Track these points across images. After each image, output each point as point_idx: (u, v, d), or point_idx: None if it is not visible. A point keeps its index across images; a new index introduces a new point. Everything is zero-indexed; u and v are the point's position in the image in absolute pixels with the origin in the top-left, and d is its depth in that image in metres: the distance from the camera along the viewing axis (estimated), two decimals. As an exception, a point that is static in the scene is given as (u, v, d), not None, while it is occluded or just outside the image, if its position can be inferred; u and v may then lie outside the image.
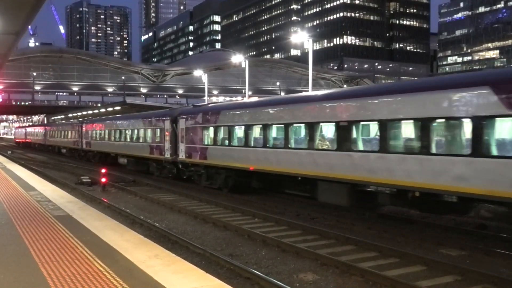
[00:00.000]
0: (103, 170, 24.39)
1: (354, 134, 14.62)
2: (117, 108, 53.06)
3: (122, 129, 34.35)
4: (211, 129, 22.12)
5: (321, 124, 15.95)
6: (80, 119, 56.01)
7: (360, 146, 14.52)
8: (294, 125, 17.24)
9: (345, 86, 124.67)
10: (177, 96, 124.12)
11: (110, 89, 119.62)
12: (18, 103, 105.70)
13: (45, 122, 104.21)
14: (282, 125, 17.52)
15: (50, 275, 6.63)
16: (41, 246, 8.30)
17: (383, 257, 11.03)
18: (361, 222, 14.92)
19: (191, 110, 25.02)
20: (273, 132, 18.40)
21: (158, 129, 27.50)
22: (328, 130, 16.09)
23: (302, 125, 16.89)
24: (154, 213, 17.22)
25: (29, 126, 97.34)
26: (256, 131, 19.30)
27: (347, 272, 9.85)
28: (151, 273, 6.68)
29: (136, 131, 31.62)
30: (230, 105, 24.24)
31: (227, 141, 20.92)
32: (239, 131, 20.30)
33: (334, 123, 15.20)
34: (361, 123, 14.60)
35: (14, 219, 10.91)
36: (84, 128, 43.96)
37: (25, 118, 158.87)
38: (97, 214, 11.81)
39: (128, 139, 32.96)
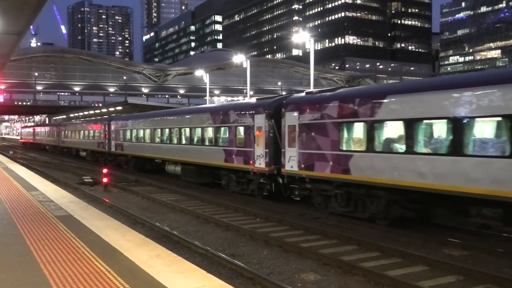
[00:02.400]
0: (105, 170, 24.39)
1: None
2: (119, 108, 53.08)
3: (176, 128, 26.48)
4: (362, 126, 14.47)
5: None
6: (107, 116, 47.67)
7: None
8: None
9: (346, 86, 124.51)
10: (178, 96, 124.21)
11: (111, 89, 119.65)
12: (20, 103, 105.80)
13: (47, 122, 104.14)
14: None
15: (51, 275, 6.63)
16: (42, 246, 8.30)
17: (386, 257, 11.01)
18: (363, 222, 14.88)
19: (312, 98, 17.03)
20: None
21: (242, 127, 20.22)
22: None
23: None
24: (156, 213, 17.23)
25: (38, 125, 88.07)
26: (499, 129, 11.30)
27: (349, 272, 9.83)
28: (152, 273, 6.68)
29: (199, 130, 23.88)
30: (411, 84, 15.24)
31: (401, 146, 13.33)
32: (439, 128, 12.84)
33: None
34: None
35: (16, 219, 10.92)
36: (113, 127, 36.03)
37: (27, 118, 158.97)
38: (98, 214, 11.82)
39: (185, 141, 25.29)
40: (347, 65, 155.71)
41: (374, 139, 14.04)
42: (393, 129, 13.83)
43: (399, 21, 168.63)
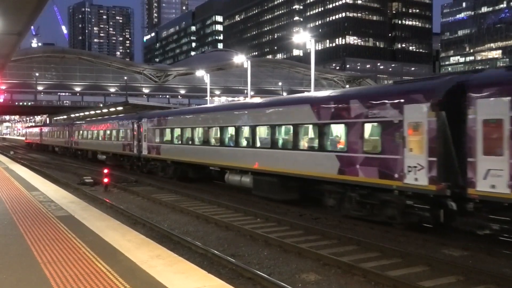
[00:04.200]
0: (106, 170, 24.41)
1: None
2: (120, 108, 53.12)
3: (246, 126, 20.17)
4: None
5: None
6: (135, 113, 40.28)
7: None
8: None
9: (347, 86, 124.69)
10: (179, 96, 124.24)
11: (112, 89, 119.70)
12: (20, 103, 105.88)
13: (47, 122, 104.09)
14: None
15: (52, 275, 6.64)
16: (43, 246, 8.32)
17: (386, 257, 11.02)
18: (363, 222, 14.88)
19: None
20: None
21: (376, 124, 14.03)
22: None
23: None
24: (156, 213, 17.24)
25: (45, 125, 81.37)
26: None
27: (349, 272, 9.84)
28: (153, 273, 6.69)
29: (289, 129, 17.77)
30: None
31: None
32: None
33: None
34: None
35: (17, 219, 10.94)
36: (145, 126, 30.04)
37: (27, 118, 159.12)
38: (99, 215, 11.84)
39: (261, 143, 19.32)
40: (347, 66, 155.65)
41: None
42: None
43: (399, 22, 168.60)
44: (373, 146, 14.24)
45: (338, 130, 15.85)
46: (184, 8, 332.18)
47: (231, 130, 21.49)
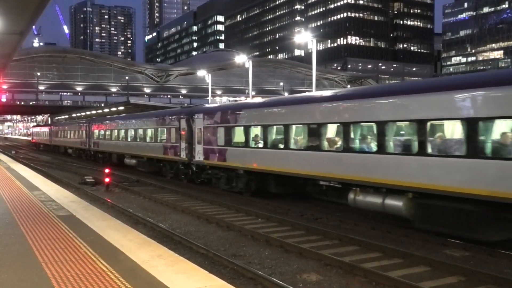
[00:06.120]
0: (107, 170, 24.41)
1: None
2: (121, 108, 53.12)
3: (401, 121, 13.16)
4: None
5: None
6: (182, 106, 34.53)
7: None
8: None
9: (348, 86, 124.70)
10: (180, 96, 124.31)
11: (113, 89, 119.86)
12: (22, 103, 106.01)
13: (49, 121, 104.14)
14: None
15: (53, 275, 6.65)
16: (44, 246, 8.32)
17: (387, 258, 11.00)
18: (364, 222, 14.86)
19: None
20: None
21: None
22: None
23: None
24: (157, 213, 17.23)
25: (55, 124, 72.77)
26: None
27: (350, 272, 9.83)
28: (154, 273, 6.69)
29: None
30: None
31: None
32: None
33: None
34: None
35: (18, 218, 10.95)
36: (201, 124, 23.25)
37: (29, 118, 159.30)
38: (100, 214, 11.84)
39: (431, 149, 12.02)
40: (349, 66, 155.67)
41: None
42: None
43: (401, 22, 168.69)
44: None
45: None
46: (185, 8, 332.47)
47: (368, 128, 14.32)
